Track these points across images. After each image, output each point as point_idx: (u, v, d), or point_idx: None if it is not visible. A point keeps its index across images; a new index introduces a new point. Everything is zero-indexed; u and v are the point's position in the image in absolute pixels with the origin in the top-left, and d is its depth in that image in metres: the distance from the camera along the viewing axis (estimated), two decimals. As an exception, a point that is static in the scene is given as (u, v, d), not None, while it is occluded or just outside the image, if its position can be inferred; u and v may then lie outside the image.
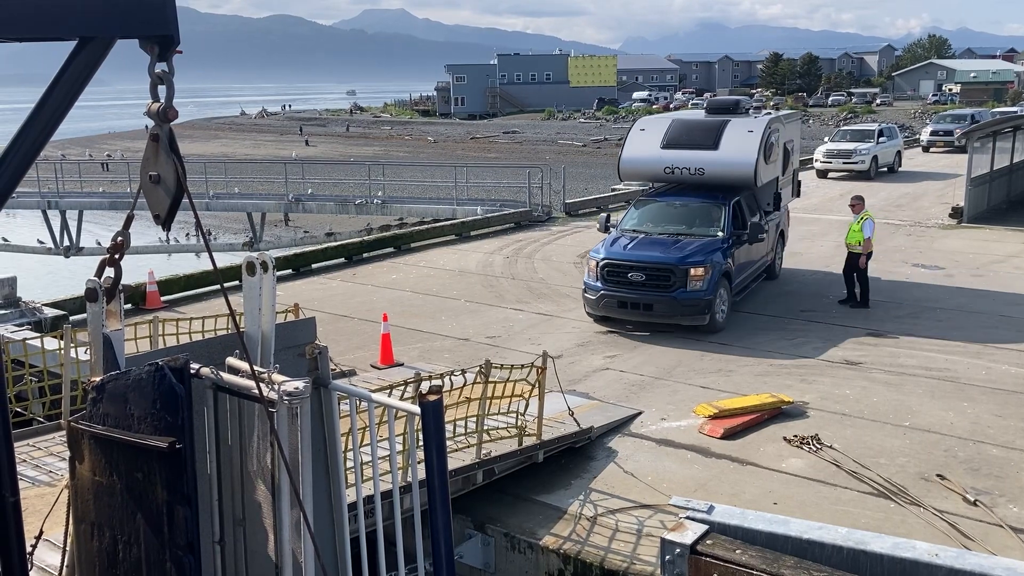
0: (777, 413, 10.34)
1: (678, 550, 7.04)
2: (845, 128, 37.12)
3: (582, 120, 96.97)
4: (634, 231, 14.48)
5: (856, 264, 14.97)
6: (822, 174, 33.31)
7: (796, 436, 9.68)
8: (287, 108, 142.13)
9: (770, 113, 16.85)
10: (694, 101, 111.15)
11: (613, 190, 30.37)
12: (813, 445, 9.47)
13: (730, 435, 9.80)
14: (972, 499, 8.25)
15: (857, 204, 15.17)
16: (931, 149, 42.23)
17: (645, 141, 15.57)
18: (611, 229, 14.81)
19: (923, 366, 11.97)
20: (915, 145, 44.95)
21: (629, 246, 13.89)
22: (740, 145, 14.66)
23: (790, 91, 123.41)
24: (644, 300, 13.23)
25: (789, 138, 16.87)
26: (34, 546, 4.39)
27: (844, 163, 33.06)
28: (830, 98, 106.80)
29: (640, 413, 10.47)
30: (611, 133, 76.97)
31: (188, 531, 3.45)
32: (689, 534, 7.11)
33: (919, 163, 37.53)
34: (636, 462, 9.28)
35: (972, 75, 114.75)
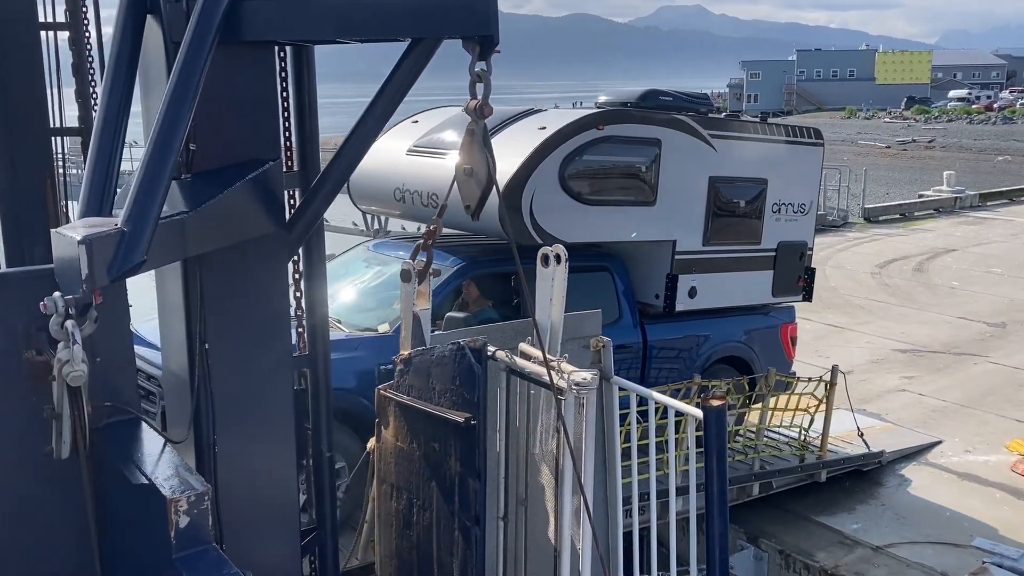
0: (1111, 459, 8.98)
1: (979, 598, 6.36)
2: None
3: (887, 120, 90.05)
4: None
5: None
6: None
7: None
8: (578, 104, 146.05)
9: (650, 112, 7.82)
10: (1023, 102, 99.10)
11: (920, 196, 27.95)
12: None
13: (1049, 478, 8.67)
14: None
15: None
16: None
17: (396, 142, 7.92)
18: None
19: None
20: None
21: None
22: (501, 155, 5.58)
23: None
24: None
25: (734, 173, 8.19)
26: (341, 499, 4.88)
27: None
28: None
29: (940, 442, 9.55)
30: (920, 134, 70.85)
31: (477, 504, 3.65)
32: (993, 582, 6.41)
33: None
34: (933, 495, 8.48)
35: None
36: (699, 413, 4.29)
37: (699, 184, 7.92)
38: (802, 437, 8.31)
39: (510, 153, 6.85)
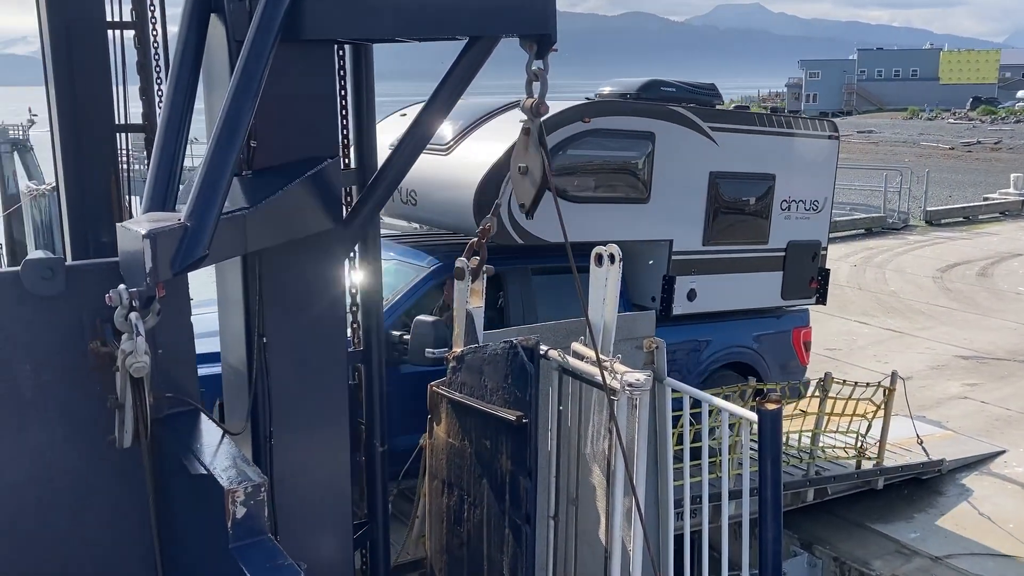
0: None
1: (1042, 613, 6.17)
2: None
3: (951, 120, 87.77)
4: None
5: None
6: None
7: None
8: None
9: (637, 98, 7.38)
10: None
11: (985, 199, 27.19)
12: None
13: (1119, 492, 8.36)
14: None
15: None
16: None
17: (381, 136, 5.08)
18: None
19: None
20: None
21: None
22: (483, 148, 6.62)
23: None
24: None
25: (737, 168, 7.58)
26: (394, 493, 4.91)
27: None
28: None
29: (1003, 452, 9.28)
30: (985, 136, 68.86)
31: (528, 502, 3.65)
32: (1058, 598, 6.21)
33: None
34: (995, 505, 8.24)
35: None
36: (754, 417, 4.24)
37: (698, 180, 7.34)
38: (859, 443, 8.15)
39: (489, 147, 6.39)
